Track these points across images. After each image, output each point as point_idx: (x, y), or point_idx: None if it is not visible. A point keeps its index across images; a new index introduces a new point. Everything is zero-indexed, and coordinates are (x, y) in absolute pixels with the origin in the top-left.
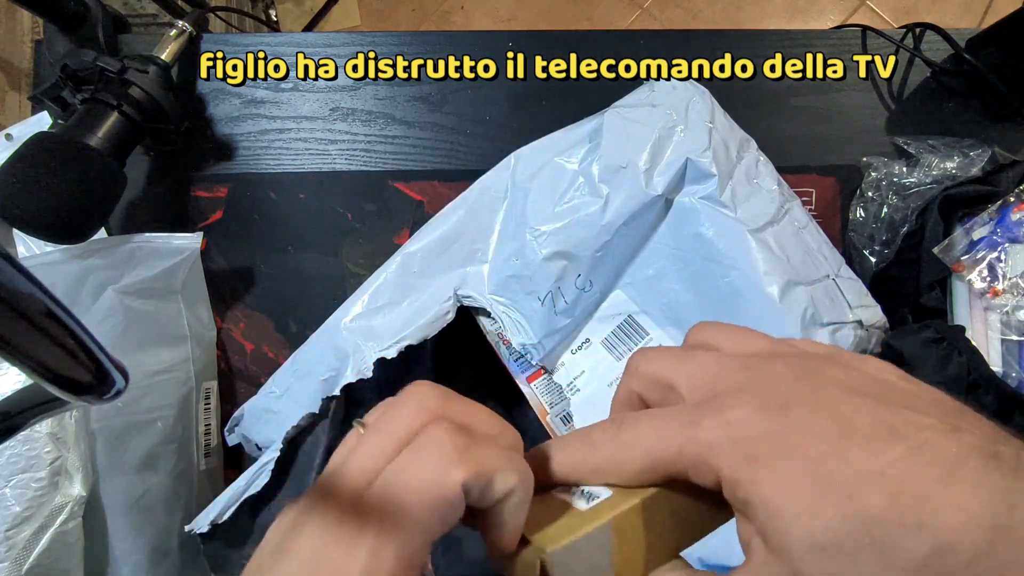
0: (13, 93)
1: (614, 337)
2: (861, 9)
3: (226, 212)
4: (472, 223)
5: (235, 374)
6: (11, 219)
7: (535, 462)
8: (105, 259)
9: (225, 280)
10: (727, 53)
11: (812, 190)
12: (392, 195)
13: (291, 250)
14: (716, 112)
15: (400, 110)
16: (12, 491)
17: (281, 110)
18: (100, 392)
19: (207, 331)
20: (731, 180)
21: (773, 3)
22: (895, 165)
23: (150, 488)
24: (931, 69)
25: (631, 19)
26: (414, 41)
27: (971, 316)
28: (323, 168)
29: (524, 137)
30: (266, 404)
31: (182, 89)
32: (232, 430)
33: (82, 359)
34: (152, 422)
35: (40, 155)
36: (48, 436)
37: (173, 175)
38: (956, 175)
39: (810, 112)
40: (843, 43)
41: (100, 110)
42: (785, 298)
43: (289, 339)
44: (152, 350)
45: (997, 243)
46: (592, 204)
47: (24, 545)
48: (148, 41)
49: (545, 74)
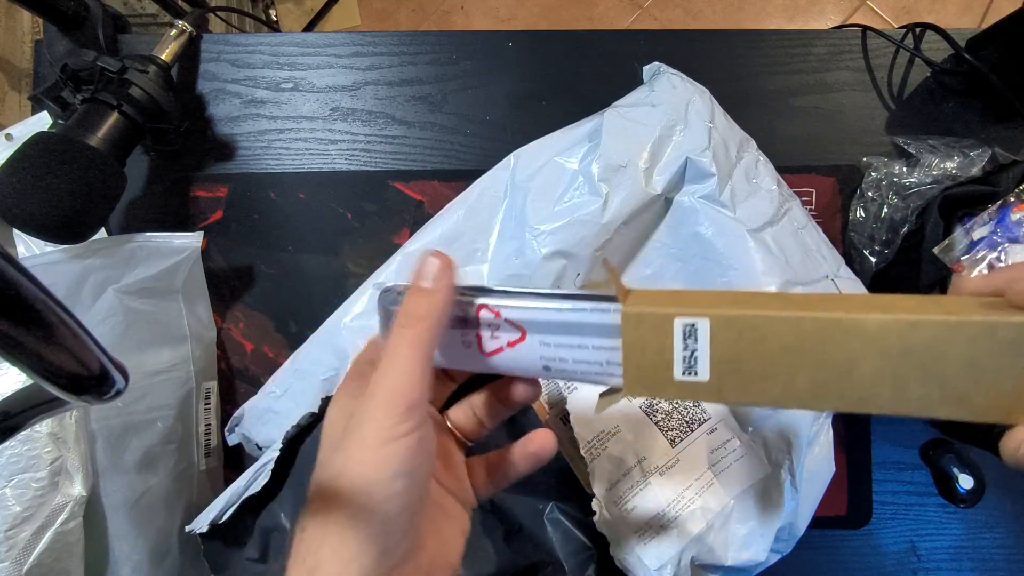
0: (13, 93)
1: None
2: (861, 9)
3: (226, 212)
4: (472, 223)
5: (235, 374)
6: (11, 219)
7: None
8: (105, 259)
9: (225, 280)
10: (727, 53)
11: (812, 190)
12: (392, 195)
13: (291, 250)
14: (716, 112)
15: (400, 110)
16: (12, 491)
17: (281, 110)
18: (100, 392)
19: (207, 331)
20: (730, 180)
21: (773, 3)
22: (895, 165)
23: (150, 488)
24: (931, 69)
25: (631, 19)
26: (414, 41)
27: None
28: (323, 168)
29: (524, 137)
30: (266, 404)
31: (182, 89)
32: (232, 430)
33: (82, 359)
34: (152, 422)
35: (40, 155)
36: (48, 436)
37: (173, 175)
38: (956, 175)
39: (810, 112)
40: (843, 43)
41: (100, 110)
42: None
43: (289, 339)
44: (152, 350)
45: (997, 243)
46: (592, 203)
47: (24, 545)
48: (148, 41)
49: (545, 74)
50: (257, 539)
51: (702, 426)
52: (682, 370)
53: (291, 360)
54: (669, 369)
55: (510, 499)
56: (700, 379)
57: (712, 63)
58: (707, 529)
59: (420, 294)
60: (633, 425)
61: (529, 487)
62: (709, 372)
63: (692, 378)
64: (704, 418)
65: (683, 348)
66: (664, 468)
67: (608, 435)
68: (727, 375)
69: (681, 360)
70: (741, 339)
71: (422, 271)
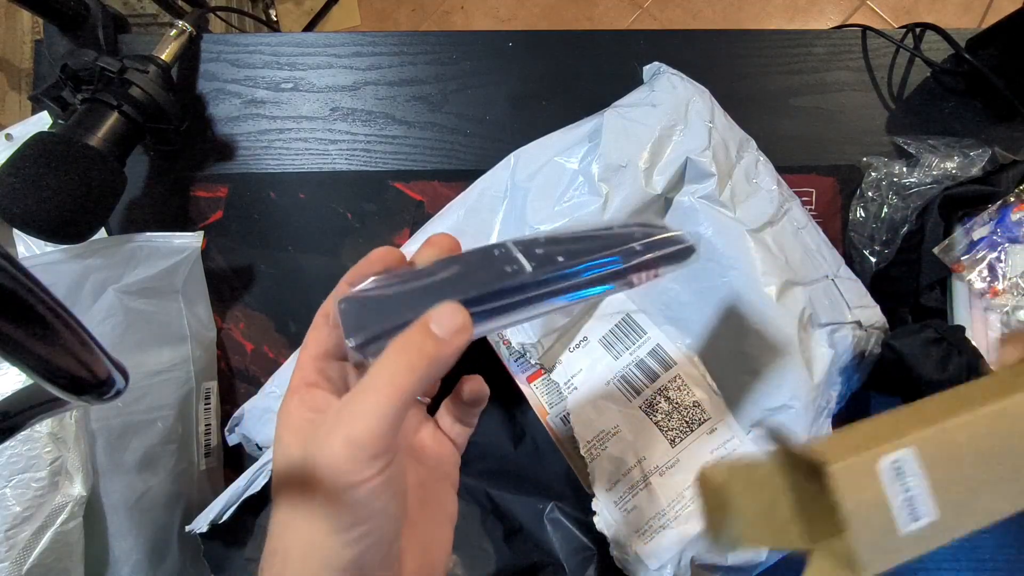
0: (13, 93)
1: (612, 336)
2: (861, 9)
3: (226, 212)
4: (472, 223)
5: (235, 374)
6: (11, 219)
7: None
8: (105, 259)
9: (225, 280)
10: (727, 53)
11: (812, 190)
12: (392, 195)
13: (291, 250)
14: (716, 111)
15: (400, 110)
16: (12, 491)
17: (281, 110)
18: (100, 392)
19: (207, 331)
20: (730, 180)
21: (773, 3)
22: (895, 165)
23: (150, 488)
24: (931, 69)
25: (631, 19)
26: (414, 41)
27: (971, 316)
28: (323, 168)
29: (524, 137)
30: (266, 404)
31: (182, 89)
32: (232, 430)
33: (82, 359)
34: (152, 422)
35: (40, 155)
36: (48, 436)
37: (173, 175)
38: (956, 175)
39: (810, 112)
40: (843, 43)
41: (100, 110)
42: (783, 298)
43: (289, 339)
44: (152, 350)
45: (997, 243)
46: (592, 203)
47: (24, 545)
48: (148, 41)
49: (545, 74)
50: (257, 539)
51: (702, 426)
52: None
53: (291, 360)
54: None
55: (510, 499)
56: (928, 520)
57: (712, 63)
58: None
59: (426, 339)
60: (633, 425)
61: (529, 487)
62: (935, 508)
63: (919, 523)
64: (704, 418)
65: (901, 490)
66: (664, 468)
67: (608, 435)
68: (952, 505)
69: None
70: (951, 459)
71: (441, 318)
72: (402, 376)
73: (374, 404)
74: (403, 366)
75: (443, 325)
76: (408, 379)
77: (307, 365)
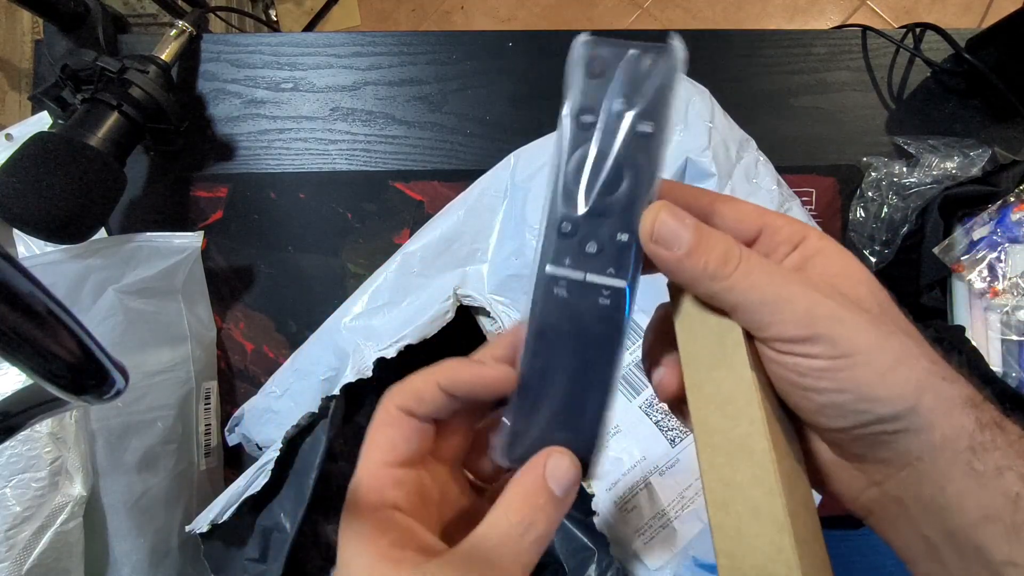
0: (13, 93)
1: None
2: (861, 9)
3: (226, 212)
4: (472, 223)
5: (235, 374)
6: (11, 219)
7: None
8: (105, 259)
9: (225, 280)
10: (727, 53)
11: (812, 190)
12: (392, 195)
13: (291, 250)
14: (716, 111)
15: (400, 110)
16: (12, 491)
17: (281, 110)
18: (100, 392)
19: (207, 331)
20: (730, 180)
21: (773, 3)
22: (895, 165)
23: (150, 488)
24: (931, 69)
25: (631, 19)
26: (414, 41)
27: (971, 316)
28: (323, 168)
29: (524, 137)
30: (266, 404)
31: (182, 89)
32: (232, 430)
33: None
34: (152, 422)
35: (40, 155)
36: (48, 436)
37: (173, 175)
38: (956, 175)
39: (810, 112)
40: (843, 43)
41: (100, 110)
42: None
43: (289, 339)
44: (152, 350)
45: (997, 243)
46: None
47: (24, 545)
48: (148, 41)
49: (545, 74)
50: (257, 539)
51: None
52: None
53: (291, 360)
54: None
55: None
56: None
57: (712, 63)
58: (707, 529)
59: (549, 502)
60: (633, 425)
61: None
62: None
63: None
64: None
65: None
66: (664, 468)
67: (608, 435)
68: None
69: None
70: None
71: (556, 473)
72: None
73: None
74: (532, 543)
75: (559, 479)
76: (540, 547)
77: (381, 475)
